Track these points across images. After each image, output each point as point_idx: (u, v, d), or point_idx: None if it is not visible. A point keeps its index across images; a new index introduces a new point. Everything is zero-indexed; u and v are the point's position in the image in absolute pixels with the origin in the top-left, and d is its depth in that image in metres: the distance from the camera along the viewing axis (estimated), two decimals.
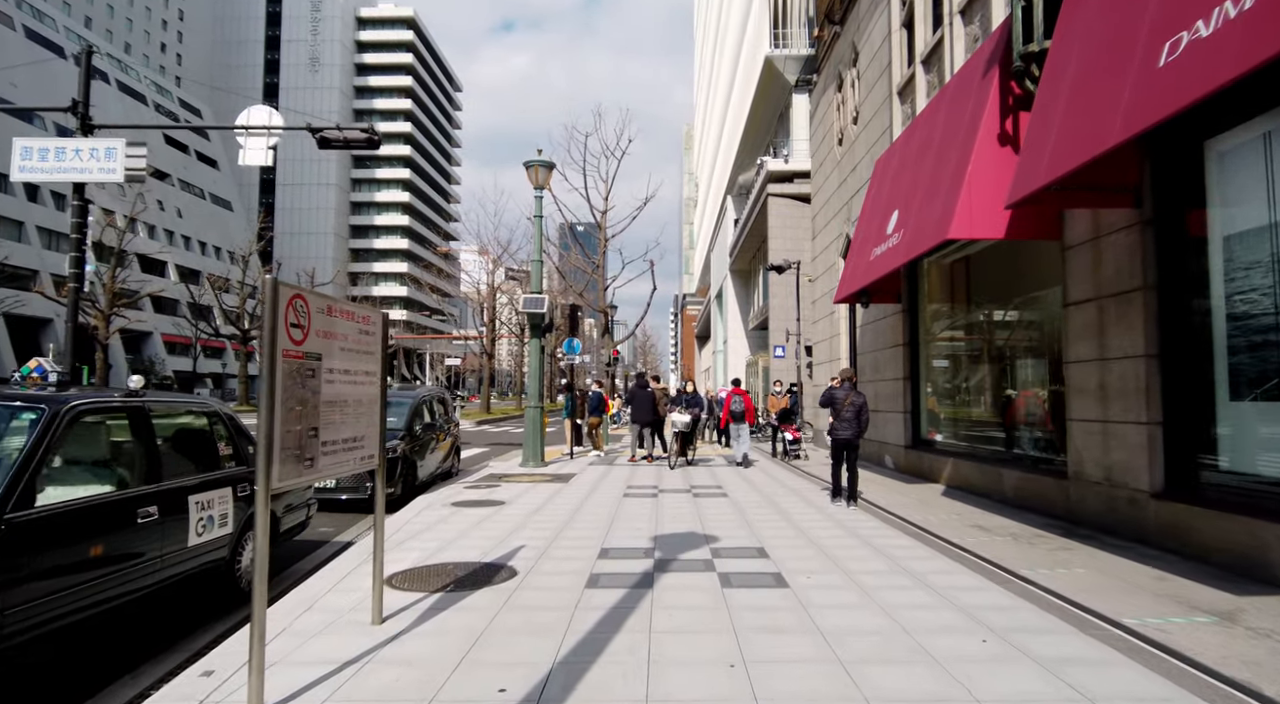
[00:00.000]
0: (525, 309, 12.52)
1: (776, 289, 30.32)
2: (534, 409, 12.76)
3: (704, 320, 76.00)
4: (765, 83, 31.74)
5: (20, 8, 58.73)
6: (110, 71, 65.76)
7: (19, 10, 58.27)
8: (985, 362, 9.81)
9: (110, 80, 65.31)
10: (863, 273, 9.96)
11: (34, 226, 51.02)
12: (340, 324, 3.53)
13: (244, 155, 13.01)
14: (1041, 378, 8.25)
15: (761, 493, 9.38)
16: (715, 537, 6.39)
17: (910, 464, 11.04)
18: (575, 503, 8.49)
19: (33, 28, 58.69)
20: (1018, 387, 8.81)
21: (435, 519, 7.40)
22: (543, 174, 12.98)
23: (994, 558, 5.36)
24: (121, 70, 68.25)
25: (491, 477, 11.20)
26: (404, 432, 9.26)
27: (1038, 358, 8.62)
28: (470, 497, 8.99)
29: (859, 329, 13.91)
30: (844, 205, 14.86)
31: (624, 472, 11.98)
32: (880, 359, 12.45)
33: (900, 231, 8.57)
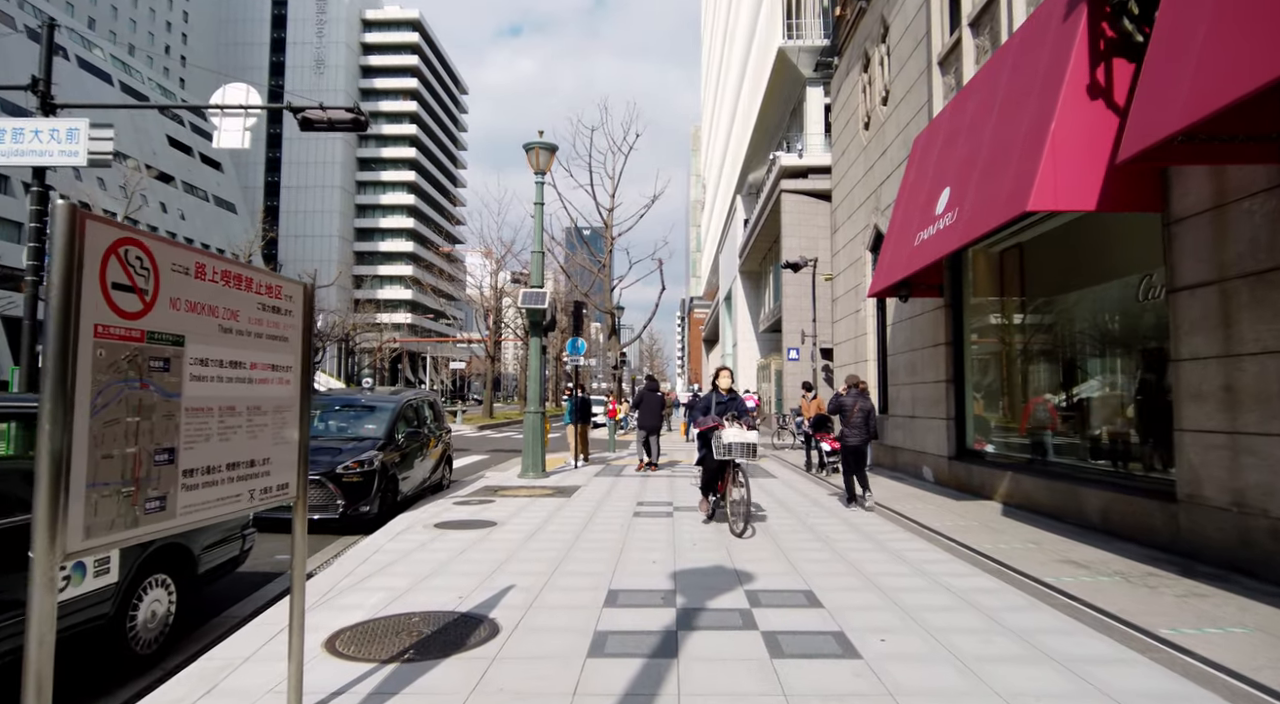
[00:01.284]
0: (524, 305, 11.39)
1: (790, 289, 29.13)
2: (534, 414, 11.62)
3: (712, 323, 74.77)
4: (777, 76, 30.62)
5: (23, 7, 58.16)
6: (114, 73, 65.19)
7: (21, 11, 57.69)
8: (1047, 361, 8.61)
9: (114, 82, 64.72)
10: (904, 262, 8.78)
11: None
12: (223, 294, 2.38)
13: (219, 137, 11.96)
14: (1124, 379, 7.06)
15: (793, 513, 8.20)
16: (749, 573, 5.21)
17: (954, 477, 9.84)
18: (578, 524, 7.33)
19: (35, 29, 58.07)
20: (1092, 389, 7.61)
21: (412, 545, 6.25)
22: (544, 157, 11.87)
23: (1113, 609, 4.18)
24: (125, 72, 67.67)
25: (486, 489, 10.05)
26: (383, 441, 8.12)
27: (1116, 356, 7.42)
28: (458, 515, 7.84)
29: (889, 328, 12.72)
30: (871, 194, 13.69)
31: (633, 484, 10.82)
32: (916, 360, 11.26)
33: (954, 211, 7.40)
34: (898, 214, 10.03)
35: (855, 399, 8.23)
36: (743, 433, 6.90)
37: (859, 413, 8.18)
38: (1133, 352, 7.07)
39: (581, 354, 13.73)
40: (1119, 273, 7.22)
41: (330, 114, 11.89)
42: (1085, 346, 7.89)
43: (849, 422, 8.22)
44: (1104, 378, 7.55)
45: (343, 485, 7.37)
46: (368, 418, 8.59)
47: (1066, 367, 8.21)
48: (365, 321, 69.22)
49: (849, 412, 8.21)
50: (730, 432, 6.90)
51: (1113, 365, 7.47)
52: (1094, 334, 7.74)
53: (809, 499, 9.27)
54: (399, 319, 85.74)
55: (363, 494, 7.49)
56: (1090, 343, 7.81)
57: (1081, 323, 7.95)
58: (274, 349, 2.67)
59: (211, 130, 58.34)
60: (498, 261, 37.92)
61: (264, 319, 2.61)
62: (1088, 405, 7.62)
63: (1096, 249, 7.67)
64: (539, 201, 11.94)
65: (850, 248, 15.34)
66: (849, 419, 8.21)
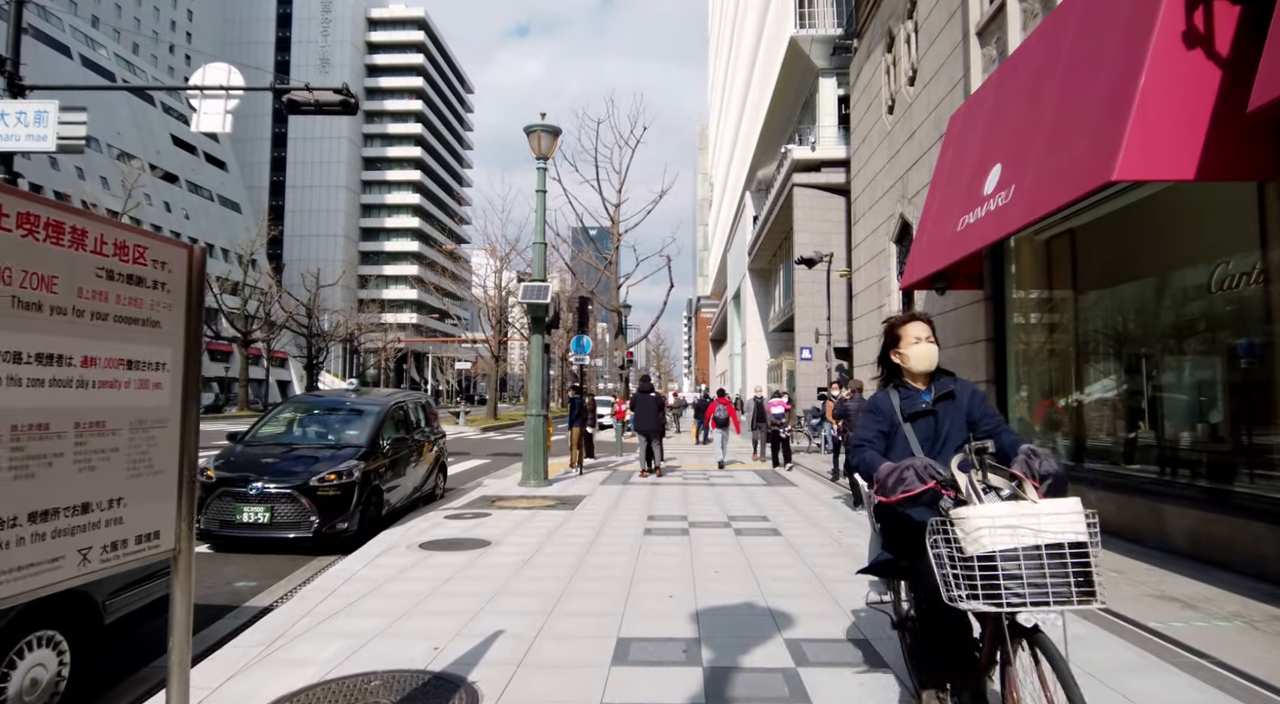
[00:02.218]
0: (525, 299, 10.55)
1: (803, 286, 28.21)
2: (535, 417, 10.77)
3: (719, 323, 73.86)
4: (789, 67, 29.71)
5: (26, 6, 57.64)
6: (118, 72, 64.80)
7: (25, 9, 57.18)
8: (1107, 359, 7.71)
9: (117, 80, 64.31)
10: (944, 249, 7.89)
11: None
12: (25, 251, 1.54)
13: (198, 120, 11.17)
14: (1212, 378, 6.16)
15: (822, 529, 7.32)
16: (788, 614, 4.34)
17: None
18: (582, 544, 6.48)
19: (39, 27, 57.69)
20: (1166, 390, 6.71)
21: (390, 572, 5.41)
22: (546, 141, 11.03)
23: (1258, 671, 3.29)
24: (130, 70, 67.30)
25: (482, 500, 9.21)
26: (366, 448, 7.28)
27: (1193, 353, 6.52)
28: (448, 532, 7.00)
29: None
30: (896, 181, 12.79)
31: (641, 494, 9.96)
32: (951, 358, 10.35)
33: (1008, 190, 6.52)
34: (933, 199, 9.15)
35: (859, 404, 8.39)
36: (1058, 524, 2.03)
37: None
38: (1215, 347, 6.17)
39: (587, 353, 12.88)
40: (1192, 259, 6.33)
41: (317, 96, 11.09)
42: (1153, 342, 6.99)
43: (854, 425, 8.40)
44: (1179, 377, 6.65)
45: (317, 500, 6.54)
46: (350, 423, 7.76)
47: (1130, 365, 7.31)
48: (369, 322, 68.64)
49: (853, 416, 8.39)
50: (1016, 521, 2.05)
51: (1191, 363, 6.57)
52: (1163, 328, 6.84)
53: (839, 514, 8.39)
54: (404, 319, 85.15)
55: (340, 509, 6.66)
56: (1158, 338, 6.91)
57: (1148, 316, 7.05)
58: (130, 337, 1.82)
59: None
60: (502, 259, 37.18)
61: (111, 293, 1.76)
62: (1162, 409, 6.72)
63: (1163, 233, 6.78)
64: (541, 189, 11.10)
65: (872, 240, 14.44)
66: (854, 423, 8.43)
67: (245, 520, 6.40)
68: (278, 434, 7.70)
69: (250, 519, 6.40)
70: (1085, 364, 8.00)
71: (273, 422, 7.92)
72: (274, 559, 6.45)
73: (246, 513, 6.40)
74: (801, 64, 29.11)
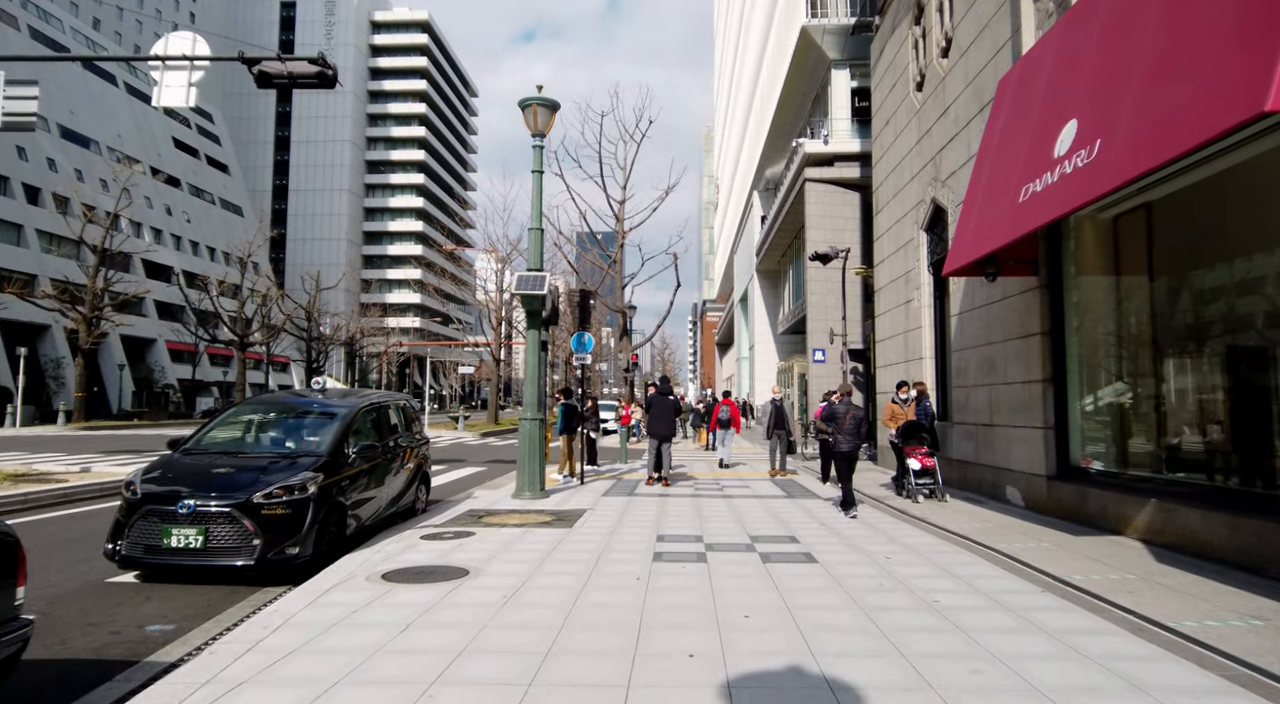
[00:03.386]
0: (519, 290, 9.47)
1: (815, 285, 27.06)
2: (530, 422, 9.68)
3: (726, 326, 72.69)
4: (800, 59, 28.64)
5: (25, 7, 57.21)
6: (119, 73, 64.27)
7: (24, 10, 56.73)
8: (1198, 354, 6.57)
9: (118, 83, 63.83)
10: (1002, 226, 6.77)
11: (34, 230, 49.09)
12: None
13: (160, 94, 10.15)
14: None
15: (864, 553, 6.19)
16: (852, 688, 3.23)
17: (1056, 502, 7.80)
18: (579, 574, 5.37)
19: (38, 28, 57.13)
20: None
21: (335, 615, 4.32)
22: (543, 116, 9.96)
23: None
24: (131, 73, 66.76)
25: (469, 516, 8.11)
26: (326, 457, 6.19)
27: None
28: (421, 558, 5.90)
29: (953, 319, 10.70)
30: (928, 163, 11.69)
31: (649, 507, 8.84)
32: (996, 355, 9.23)
33: (1091, 146, 5.41)
34: (981, 174, 8.04)
35: (848, 407, 8.55)
36: None
37: (851, 420, 8.41)
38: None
39: (589, 351, 11.78)
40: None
41: (291, 67, 10.07)
42: (1260, 333, 5.86)
43: (841, 429, 8.43)
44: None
45: (262, 520, 5.45)
46: (311, 428, 6.67)
47: (1228, 361, 6.17)
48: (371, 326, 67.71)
49: (841, 419, 8.46)
50: None
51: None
52: (1273, 316, 5.71)
53: (879, 532, 7.25)
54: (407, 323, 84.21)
55: (290, 531, 5.57)
56: (1268, 328, 5.78)
57: (1249, 302, 5.93)
58: None
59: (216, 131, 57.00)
60: (503, 260, 36.22)
61: None
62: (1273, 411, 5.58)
63: (1261, 205, 5.66)
64: (537, 168, 10.03)
65: (897, 230, 13.33)
66: (841, 426, 8.44)
67: (174, 545, 5.31)
68: (226, 441, 6.62)
69: (180, 544, 5.31)
70: (1168, 360, 6.87)
71: (222, 426, 6.84)
72: (209, 592, 5.36)
73: (176, 536, 5.31)
74: (813, 55, 28.05)
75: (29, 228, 48.63)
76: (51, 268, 46.73)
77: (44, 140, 53.14)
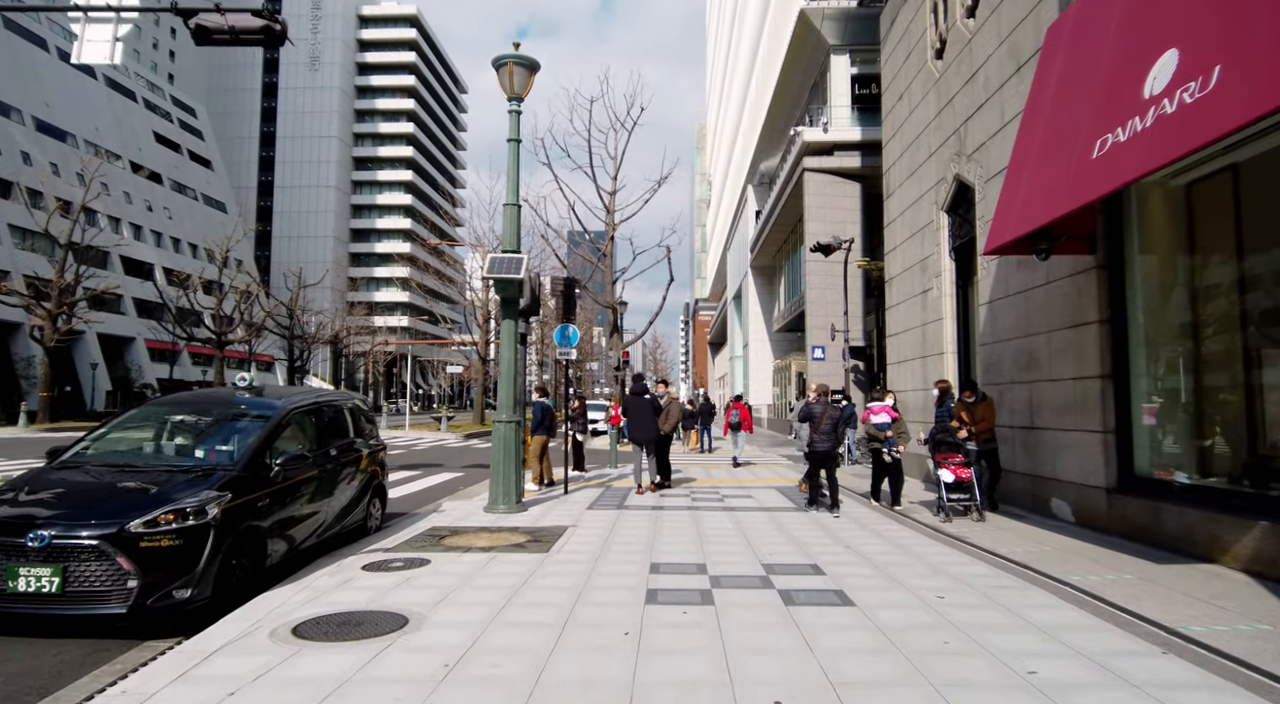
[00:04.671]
0: (491, 273, 8.24)
1: (815, 279, 25.93)
2: (505, 424, 8.44)
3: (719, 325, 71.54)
4: (797, 44, 27.50)
5: None
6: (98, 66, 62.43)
7: None
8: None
9: (97, 75, 62.04)
10: (1072, 187, 5.60)
11: (5, 225, 47.44)
12: None
13: (80, 49, 8.87)
14: None
15: (908, 589, 5.00)
16: None
17: (1119, 519, 6.64)
18: (551, 627, 4.15)
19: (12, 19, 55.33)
20: None
21: (209, 697, 3.10)
22: (520, 76, 8.74)
23: None
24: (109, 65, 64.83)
25: (429, 536, 6.89)
26: (238, 471, 4.95)
27: None
28: (353, 599, 4.67)
29: (982, 308, 9.54)
30: (950, 137, 10.54)
31: (641, 524, 7.62)
32: (1038, 349, 8.08)
33: (1212, 72, 4.25)
34: (1029, 136, 6.87)
35: (825, 407, 8.54)
36: None
37: (828, 420, 8.40)
38: None
39: (574, 345, 10.56)
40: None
41: (232, 20, 8.80)
42: None
43: (818, 429, 8.42)
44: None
45: (141, 555, 4.21)
46: (225, 433, 5.44)
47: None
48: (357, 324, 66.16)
49: (818, 419, 8.43)
50: None
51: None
52: None
53: (921, 560, 6.07)
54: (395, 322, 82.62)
55: (181, 568, 4.34)
56: None
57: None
58: None
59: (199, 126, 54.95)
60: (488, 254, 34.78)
61: None
62: None
63: None
64: (514, 137, 8.80)
65: (913, 213, 12.17)
66: (818, 425, 8.42)
67: (20, 589, 4.07)
68: (118, 451, 5.37)
69: (28, 587, 4.06)
70: (1265, 350, 5.72)
71: (117, 431, 5.59)
72: (67, 649, 4.12)
73: (23, 578, 4.07)
74: (811, 40, 26.92)
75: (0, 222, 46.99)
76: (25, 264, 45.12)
77: (17, 132, 51.44)
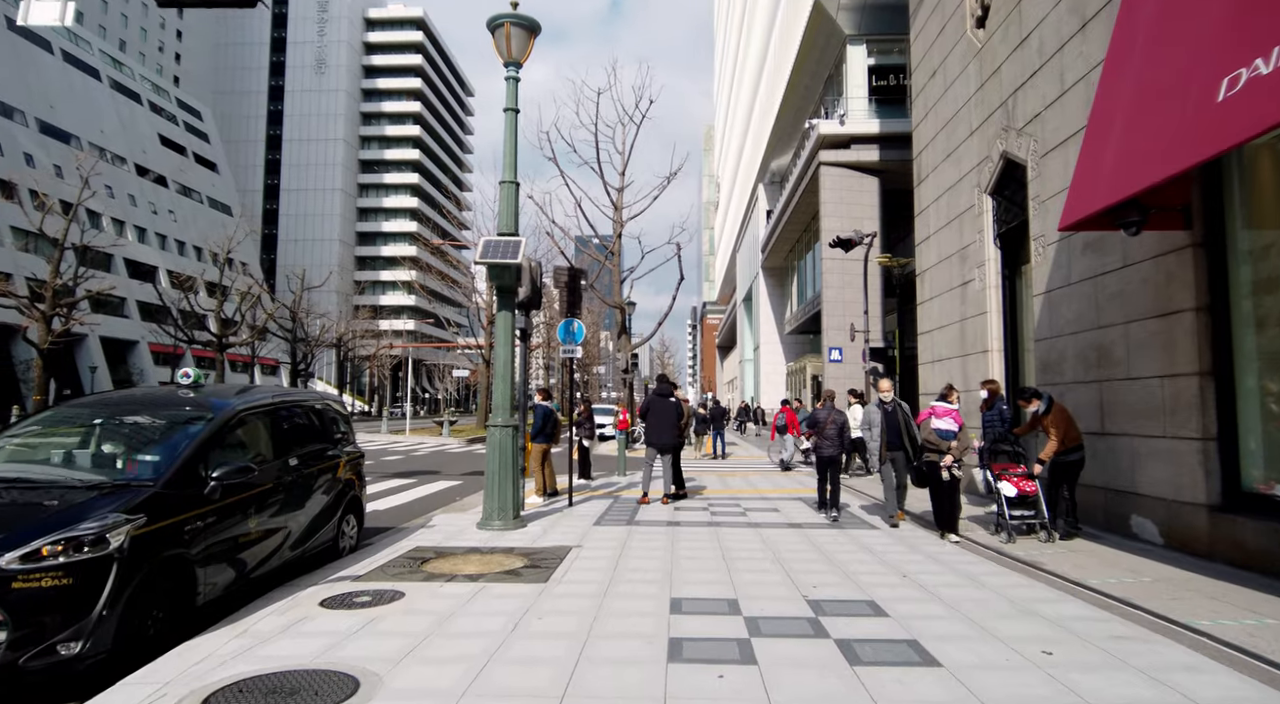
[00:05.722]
0: (484, 258, 7.25)
1: (831, 278, 24.88)
2: (501, 429, 7.45)
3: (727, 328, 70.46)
4: (811, 36, 26.52)
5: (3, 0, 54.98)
6: (102, 68, 62.11)
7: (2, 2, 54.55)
8: None
9: (102, 77, 61.67)
10: (1190, 140, 4.57)
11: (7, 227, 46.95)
12: None
13: (27, 11, 7.97)
14: None
15: (1006, 646, 3.97)
16: None
17: (1228, 543, 5.58)
18: (546, 698, 3.15)
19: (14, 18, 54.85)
20: None
21: None
22: (518, 39, 7.78)
23: None
24: (115, 68, 64.63)
25: (409, 559, 5.90)
26: (159, 488, 3.97)
27: None
28: (296, 652, 3.68)
29: (1038, 299, 8.49)
30: (995, 111, 9.51)
31: (656, 545, 6.61)
32: (1112, 343, 7.03)
33: None
34: (1115, 90, 5.83)
35: (829, 413, 8.65)
36: None
37: (832, 425, 8.52)
38: None
39: (579, 342, 9.56)
40: None
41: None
42: None
43: (823, 434, 8.53)
44: None
45: (13, 598, 3.24)
46: (148, 442, 4.46)
47: None
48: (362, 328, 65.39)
49: (823, 425, 8.57)
50: None
51: None
52: None
53: (1001, 597, 5.03)
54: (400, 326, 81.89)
55: (70, 614, 3.35)
56: None
57: None
58: None
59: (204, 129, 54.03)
60: None
61: None
62: None
63: None
64: (511, 106, 7.83)
65: (950, 198, 11.14)
66: (823, 430, 8.54)
67: None
68: (11, 461, 4.38)
69: None
70: None
71: (19, 437, 4.61)
72: None
73: None
74: (825, 31, 25.94)
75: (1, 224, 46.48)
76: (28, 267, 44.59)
77: (20, 134, 50.98)
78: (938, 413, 7.06)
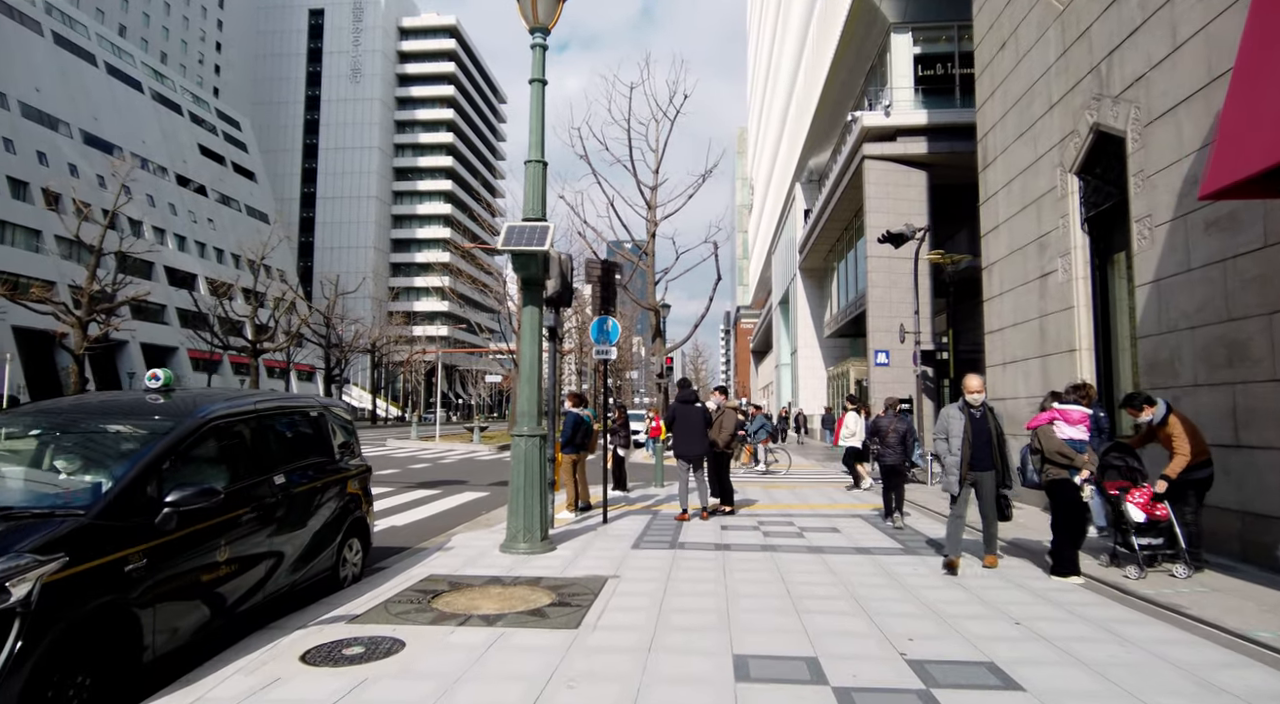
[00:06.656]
0: (507, 245, 6.40)
1: (877, 277, 23.63)
2: (527, 439, 6.58)
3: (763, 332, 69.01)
4: (853, 24, 25.36)
5: (50, 14, 56.35)
6: (145, 80, 63.41)
7: (48, 16, 55.87)
8: None
9: (144, 89, 62.94)
10: None
11: (52, 236, 47.96)
12: None
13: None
14: None
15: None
16: None
17: None
18: None
19: (62, 34, 56.26)
20: None
21: None
22: (545, 3, 6.94)
23: None
24: (157, 80, 65.98)
25: (421, 590, 5.04)
26: (95, 516, 3.16)
27: None
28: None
29: (1144, 289, 7.35)
30: (1084, 78, 8.39)
31: (705, 575, 5.65)
32: (1248, 337, 5.89)
33: None
34: (1273, 27, 4.76)
35: (891, 421, 8.66)
36: None
37: (894, 434, 8.57)
38: None
39: (614, 342, 8.66)
40: None
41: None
42: None
43: (885, 442, 8.60)
44: None
45: None
46: (93, 457, 3.66)
47: None
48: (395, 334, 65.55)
49: (885, 433, 8.62)
50: None
51: None
52: None
53: (1166, 662, 3.97)
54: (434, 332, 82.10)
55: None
56: None
57: None
58: None
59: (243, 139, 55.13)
60: None
61: None
62: None
63: None
64: (538, 77, 6.99)
65: (1024, 182, 10.01)
66: (884, 439, 8.60)
67: None
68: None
69: None
70: None
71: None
72: None
73: None
74: (867, 19, 24.77)
75: (47, 233, 47.44)
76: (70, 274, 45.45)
77: (65, 145, 52.10)
78: (1069, 418, 5.66)
